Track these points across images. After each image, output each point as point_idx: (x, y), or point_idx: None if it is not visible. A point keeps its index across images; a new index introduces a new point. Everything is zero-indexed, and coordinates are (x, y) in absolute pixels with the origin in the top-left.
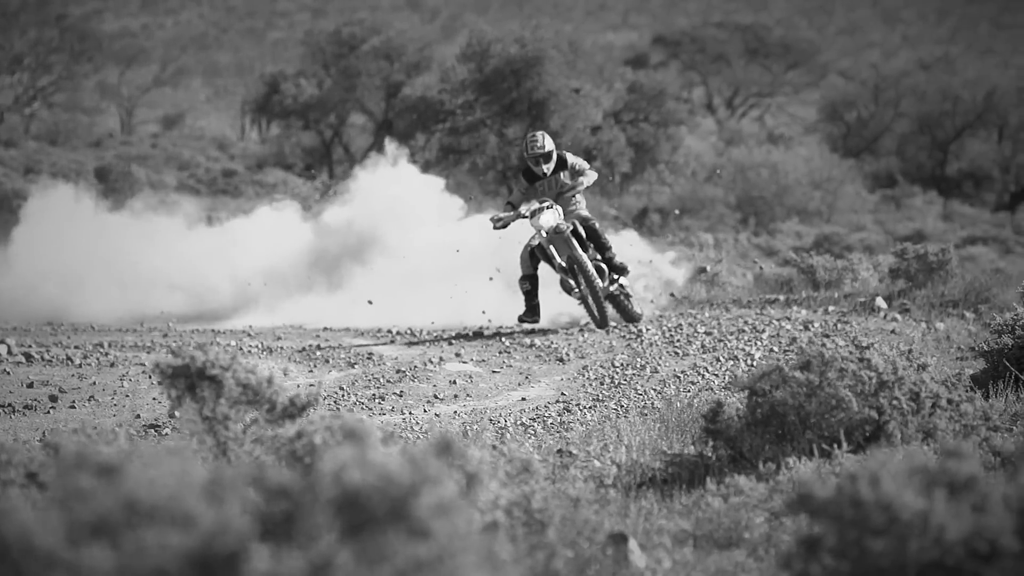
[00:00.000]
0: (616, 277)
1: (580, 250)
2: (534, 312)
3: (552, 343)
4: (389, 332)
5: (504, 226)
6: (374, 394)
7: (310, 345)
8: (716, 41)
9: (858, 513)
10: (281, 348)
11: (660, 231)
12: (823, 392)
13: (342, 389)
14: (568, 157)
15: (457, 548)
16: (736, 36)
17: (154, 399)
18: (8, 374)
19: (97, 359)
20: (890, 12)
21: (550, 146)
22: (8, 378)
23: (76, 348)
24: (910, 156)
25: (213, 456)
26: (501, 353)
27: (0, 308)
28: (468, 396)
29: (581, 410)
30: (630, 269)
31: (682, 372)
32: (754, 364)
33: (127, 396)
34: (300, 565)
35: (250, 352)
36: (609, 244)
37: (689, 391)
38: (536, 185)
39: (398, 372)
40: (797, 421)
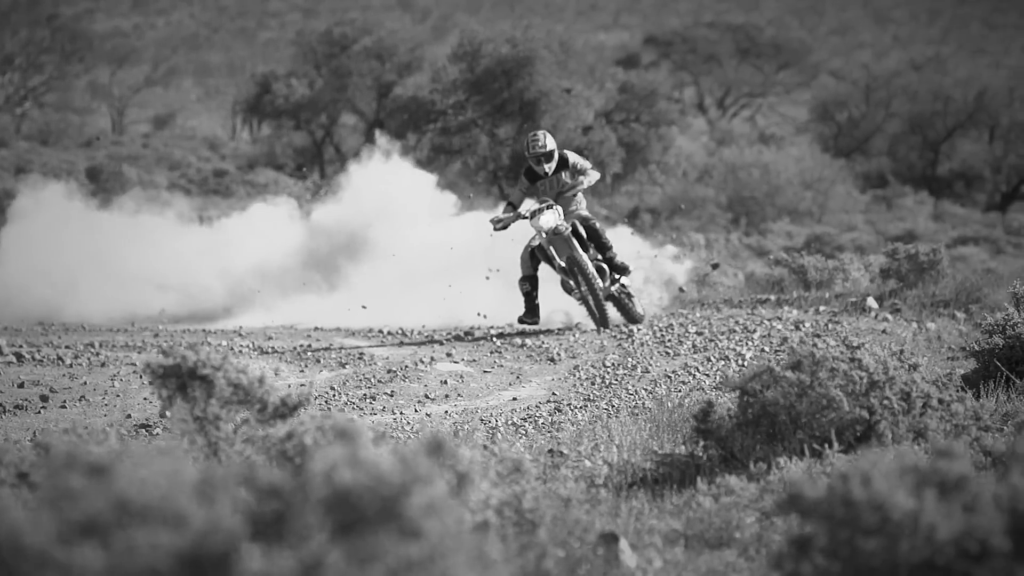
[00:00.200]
0: (617, 277)
1: (580, 250)
2: (534, 313)
3: (543, 343)
4: (380, 332)
5: (504, 227)
6: (365, 394)
7: (301, 345)
8: (707, 41)
9: (849, 513)
10: (272, 348)
11: (652, 231)
12: (814, 392)
13: (333, 389)
14: (570, 156)
15: (448, 548)
16: (727, 36)
17: (145, 399)
18: None
19: (88, 359)
20: (881, 12)
21: (552, 145)
22: None
23: (67, 348)
24: (901, 156)
25: (204, 456)
26: (492, 353)
27: None
28: (459, 396)
29: (572, 410)
30: (631, 268)
31: (673, 372)
32: (745, 364)
33: (118, 396)
34: (291, 565)
35: (241, 352)
36: (610, 244)
37: (680, 391)
38: (537, 184)
39: (389, 372)
40: (788, 421)
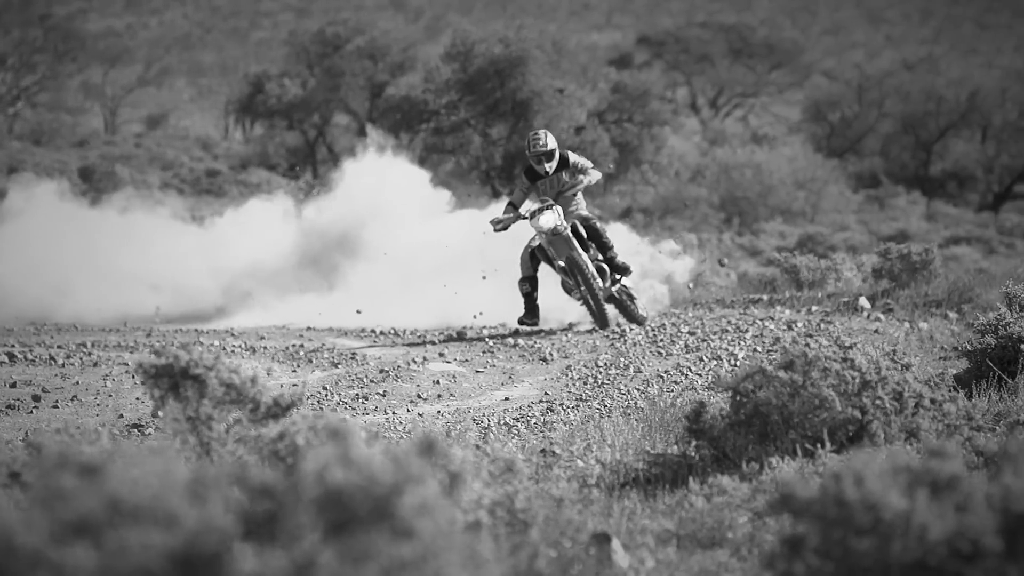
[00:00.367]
0: (618, 278)
1: (580, 250)
2: (534, 314)
3: (535, 343)
4: (373, 332)
5: (505, 228)
6: (357, 394)
7: (293, 345)
8: (700, 41)
9: (842, 513)
10: (264, 348)
11: (645, 231)
12: (806, 392)
13: (325, 389)
14: (570, 156)
15: (440, 547)
16: (720, 36)
17: (137, 399)
18: None
19: (80, 359)
20: (874, 12)
21: (552, 144)
22: None
23: (59, 348)
24: (894, 156)
25: (196, 456)
26: (484, 353)
27: None
28: (451, 396)
29: (564, 410)
30: (633, 269)
31: (665, 372)
32: (737, 364)
33: (110, 396)
34: (283, 565)
35: (233, 352)
36: (611, 244)
37: (672, 391)
38: (537, 184)
39: (381, 372)
40: (780, 421)
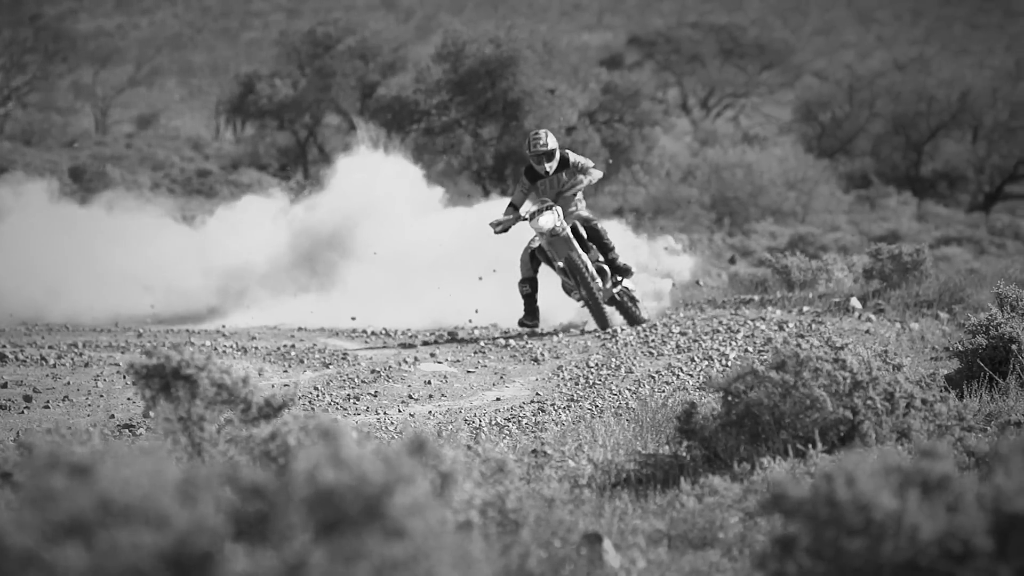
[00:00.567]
0: (619, 279)
1: (580, 251)
2: (534, 316)
3: (527, 343)
4: (364, 332)
5: (505, 230)
6: (349, 394)
7: (285, 345)
8: (691, 41)
9: (833, 513)
10: (256, 348)
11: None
12: (798, 392)
13: (317, 389)
14: (570, 155)
15: (431, 547)
16: (711, 36)
17: (128, 399)
18: None
19: (71, 359)
20: (865, 13)
21: (553, 144)
22: None
23: (50, 348)
24: (885, 156)
25: (188, 456)
26: (476, 353)
27: None
28: (443, 396)
29: (556, 410)
30: (634, 270)
31: (657, 372)
32: (729, 364)
33: (101, 396)
34: (275, 565)
35: (225, 352)
36: (612, 245)
37: (664, 391)
38: (538, 184)
39: (373, 372)
40: (771, 421)
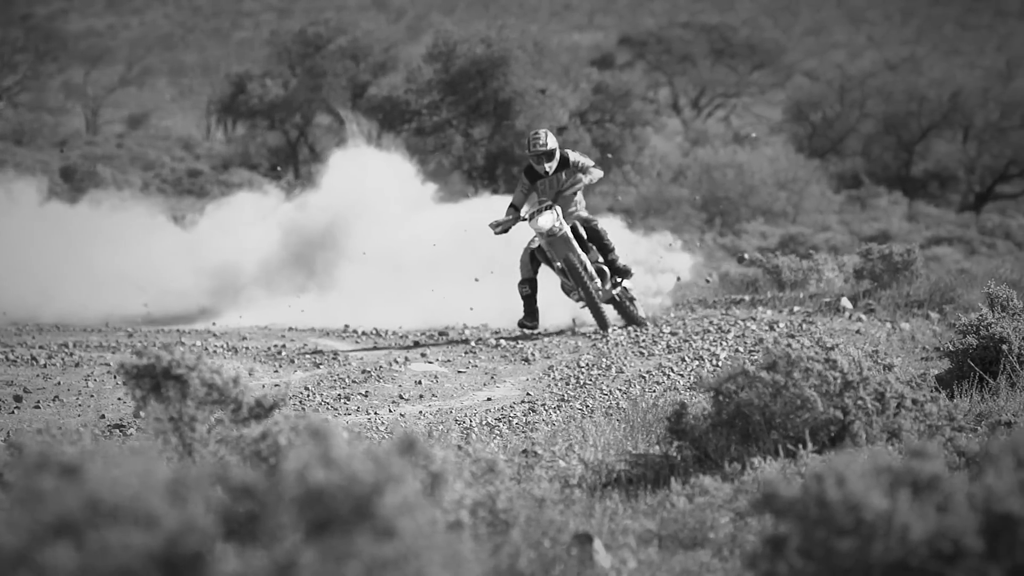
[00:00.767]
0: (619, 280)
1: (579, 252)
2: (534, 317)
3: (517, 343)
4: (355, 332)
5: (504, 230)
6: (339, 394)
7: (275, 345)
8: (682, 41)
9: (824, 513)
10: (246, 348)
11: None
12: (788, 392)
13: (307, 389)
14: (570, 155)
15: (421, 547)
16: (702, 36)
17: (119, 399)
18: None
19: (62, 359)
20: (855, 13)
21: (553, 143)
22: None
23: (41, 348)
24: (875, 156)
25: (178, 456)
26: (467, 353)
27: None
28: (433, 396)
29: (546, 410)
30: (634, 271)
31: (647, 372)
32: (719, 364)
33: (92, 396)
34: (265, 565)
35: (215, 352)
36: (612, 246)
37: (654, 391)
38: (537, 184)
39: (363, 372)
40: (762, 421)
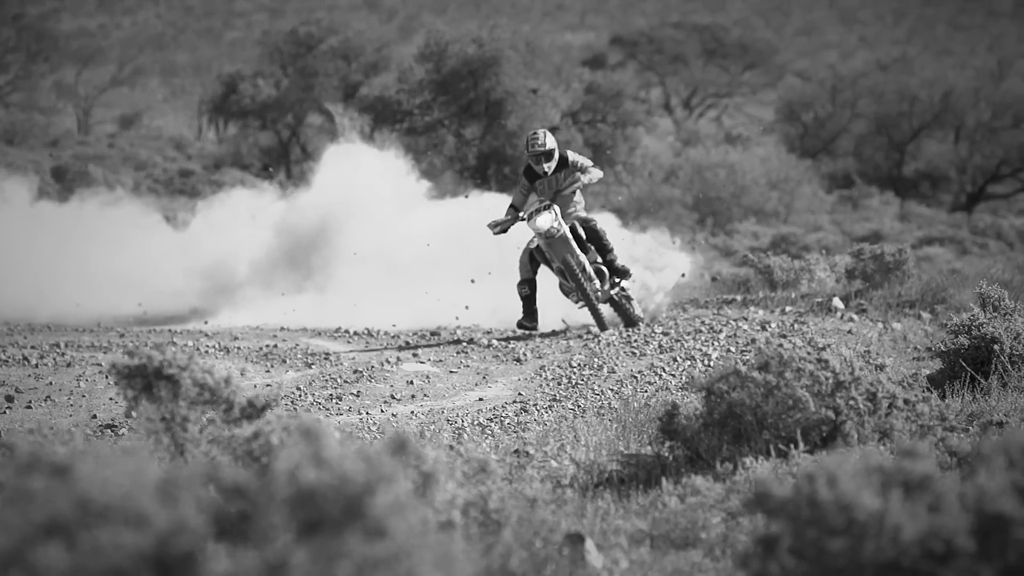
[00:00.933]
0: (617, 281)
1: (577, 252)
2: (533, 318)
3: (509, 343)
4: (347, 332)
5: (503, 231)
6: (331, 394)
7: (267, 345)
8: (674, 42)
9: (815, 513)
10: (238, 348)
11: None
12: (780, 392)
13: (299, 389)
14: (569, 155)
15: (413, 547)
16: (694, 37)
17: (111, 399)
18: None
19: (54, 359)
20: (847, 13)
21: (551, 144)
22: None
23: (32, 348)
24: (867, 157)
25: (170, 456)
26: (458, 353)
27: None
28: (425, 396)
29: (538, 410)
30: (632, 272)
31: (639, 372)
32: (711, 364)
33: (83, 396)
34: (256, 565)
35: (207, 352)
36: (611, 246)
37: (646, 391)
38: (536, 184)
39: (355, 372)
40: (754, 421)
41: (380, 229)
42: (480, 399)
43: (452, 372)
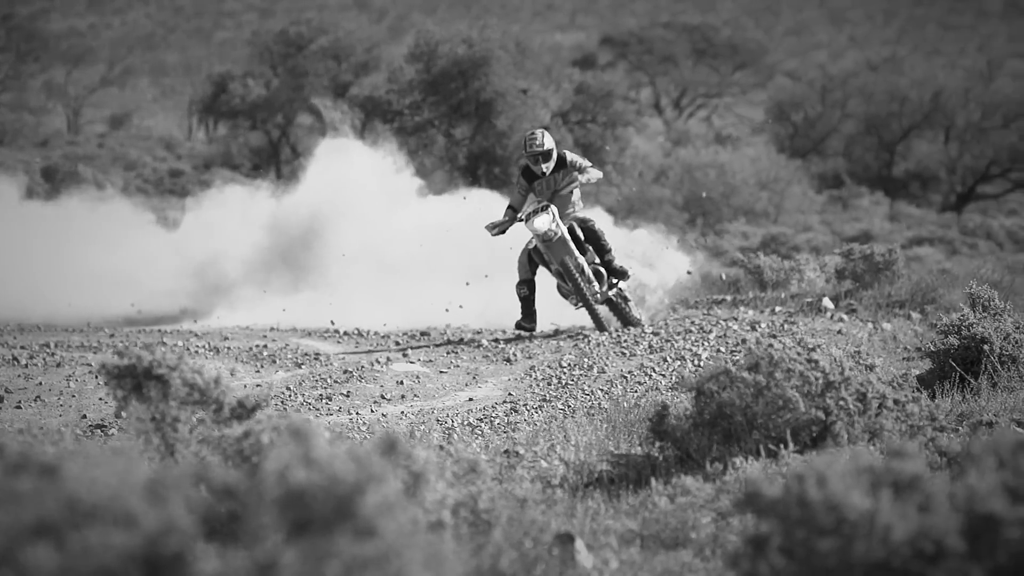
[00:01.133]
0: (615, 281)
1: (575, 253)
2: (532, 319)
3: (500, 344)
4: (337, 332)
5: (502, 232)
6: (321, 394)
7: (257, 345)
8: (664, 42)
9: (805, 513)
10: (228, 348)
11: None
12: (770, 392)
13: (289, 389)
14: (567, 155)
15: (402, 547)
16: (684, 37)
17: (101, 399)
18: None
19: (43, 359)
20: (837, 13)
21: (549, 144)
22: None
23: (22, 348)
24: (857, 157)
25: (160, 456)
26: (449, 353)
27: None
28: (415, 396)
29: (528, 410)
30: (631, 273)
31: (629, 372)
32: (701, 364)
33: (73, 396)
34: (246, 565)
35: (197, 352)
36: (609, 247)
37: (636, 391)
38: (534, 185)
39: (345, 372)
40: (744, 421)
41: (372, 228)
42: (470, 399)
43: (442, 372)
